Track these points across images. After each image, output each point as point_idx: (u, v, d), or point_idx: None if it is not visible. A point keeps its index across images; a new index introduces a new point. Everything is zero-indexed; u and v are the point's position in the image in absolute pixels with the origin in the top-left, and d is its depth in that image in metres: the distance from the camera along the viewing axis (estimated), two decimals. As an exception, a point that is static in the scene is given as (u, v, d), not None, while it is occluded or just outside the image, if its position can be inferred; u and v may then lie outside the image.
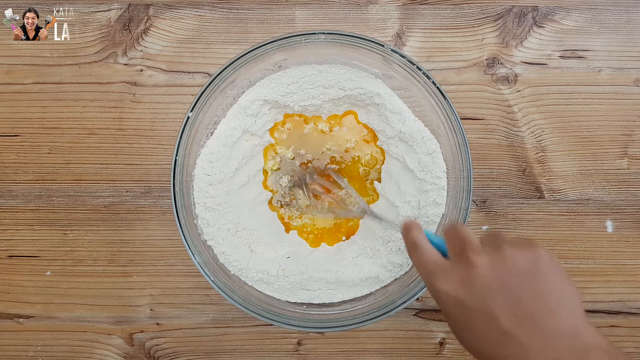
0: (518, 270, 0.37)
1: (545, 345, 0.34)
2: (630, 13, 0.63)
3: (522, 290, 0.36)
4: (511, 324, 0.35)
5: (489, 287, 0.37)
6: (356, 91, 0.57)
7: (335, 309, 0.57)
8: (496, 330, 0.36)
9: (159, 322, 0.63)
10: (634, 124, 0.63)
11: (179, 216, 0.53)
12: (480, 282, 0.37)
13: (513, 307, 0.36)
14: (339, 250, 0.60)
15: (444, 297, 0.39)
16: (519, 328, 0.35)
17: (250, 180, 0.59)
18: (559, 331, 0.34)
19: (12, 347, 0.63)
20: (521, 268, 0.37)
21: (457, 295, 0.38)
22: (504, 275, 0.37)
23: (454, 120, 0.53)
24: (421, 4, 0.63)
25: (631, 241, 0.63)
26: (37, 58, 0.63)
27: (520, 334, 0.35)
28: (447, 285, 0.38)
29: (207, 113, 0.55)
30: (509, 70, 0.63)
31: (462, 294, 0.37)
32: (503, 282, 0.37)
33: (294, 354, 0.63)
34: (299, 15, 0.63)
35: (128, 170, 0.62)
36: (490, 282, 0.37)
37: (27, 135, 0.63)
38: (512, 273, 0.37)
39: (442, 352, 0.63)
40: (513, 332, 0.35)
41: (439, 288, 0.39)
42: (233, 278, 0.56)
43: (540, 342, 0.34)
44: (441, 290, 0.39)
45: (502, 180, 0.63)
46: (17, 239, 0.63)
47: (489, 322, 0.36)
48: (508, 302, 0.36)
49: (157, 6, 0.63)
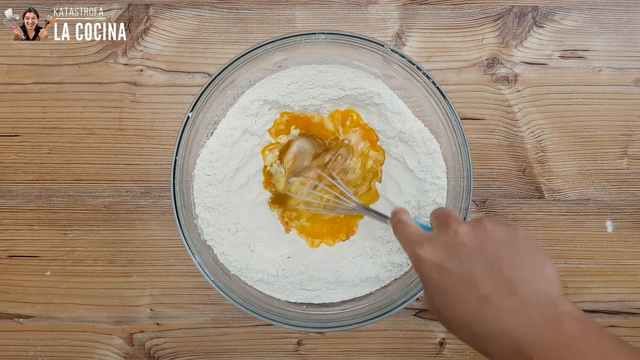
0: (498, 240, 0.39)
1: (520, 310, 0.35)
2: (630, 13, 0.63)
3: (501, 259, 0.38)
4: (489, 289, 0.37)
5: (470, 253, 0.38)
6: (356, 91, 0.57)
7: (335, 309, 0.57)
8: (475, 294, 0.37)
9: (159, 322, 0.63)
10: (634, 124, 0.63)
11: (179, 216, 0.53)
12: (462, 249, 0.39)
13: (492, 273, 0.37)
14: (339, 250, 0.60)
15: (427, 264, 0.40)
16: (496, 293, 0.36)
17: (250, 180, 0.59)
18: (534, 299, 0.36)
19: (12, 347, 0.63)
20: (501, 239, 0.39)
21: (439, 261, 0.39)
22: (484, 244, 0.39)
23: (454, 120, 0.53)
24: (421, 4, 0.63)
25: (631, 241, 0.63)
26: (37, 58, 0.63)
27: (497, 299, 0.36)
28: (430, 253, 0.40)
29: (207, 113, 0.55)
30: (509, 70, 0.63)
31: (444, 260, 0.39)
32: (483, 249, 0.38)
33: (294, 354, 0.63)
34: (299, 15, 0.63)
35: (128, 170, 0.62)
36: (472, 249, 0.39)
37: (27, 135, 0.63)
38: (492, 242, 0.39)
39: (442, 352, 0.63)
40: (490, 297, 0.36)
41: (422, 255, 0.40)
42: (233, 278, 0.56)
43: (516, 307, 0.35)
44: (424, 257, 0.40)
45: (502, 180, 0.63)
46: (17, 239, 0.63)
47: (468, 287, 0.37)
48: (487, 268, 0.37)
49: (157, 6, 0.63)
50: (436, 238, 0.41)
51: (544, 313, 0.35)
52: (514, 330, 0.35)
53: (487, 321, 0.36)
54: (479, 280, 0.37)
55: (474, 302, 0.37)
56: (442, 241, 0.40)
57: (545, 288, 0.36)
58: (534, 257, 0.38)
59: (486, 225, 0.40)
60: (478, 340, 0.37)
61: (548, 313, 0.35)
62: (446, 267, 0.39)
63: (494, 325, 0.36)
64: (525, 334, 0.34)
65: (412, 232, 0.44)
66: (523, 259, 0.38)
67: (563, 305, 0.35)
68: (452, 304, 0.38)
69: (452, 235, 0.40)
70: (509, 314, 0.35)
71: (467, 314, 0.37)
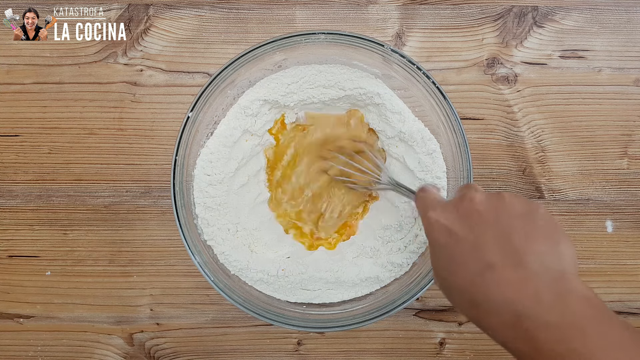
0: (515, 212, 0.38)
1: (526, 282, 0.34)
2: (630, 13, 0.63)
3: (513, 229, 0.36)
4: (496, 257, 0.36)
5: (483, 220, 0.38)
6: (356, 91, 0.57)
7: (335, 309, 0.57)
8: (480, 260, 0.36)
9: (159, 322, 0.63)
10: (634, 124, 0.63)
11: (179, 216, 0.53)
12: (475, 215, 0.38)
13: (502, 242, 0.36)
14: (339, 250, 0.60)
15: (436, 226, 0.40)
16: (503, 262, 0.35)
17: (250, 180, 0.59)
18: (542, 272, 0.34)
19: (12, 347, 0.63)
20: (519, 211, 0.38)
21: (449, 224, 0.39)
22: (500, 214, 0.38)
23: (454, 120, 0.53)
24: (421, 4, 0.63)
25: (631, 241, 0.63)
26: (37, 58, 0.63)
27: (503, 268, 0.35)
28: (441, 215, 0.40)
29: (207, 113, 0.55)
30: (509, 70, 0.63)
31: (454, 224, 0.39)
32: (498, 218, 0.37)
33: (294, 354, 0.63)
34: (299, 15, 0.63)
35: (128, 170, 0.62)
36: (485, 217, 0.38)
37: (27, 135, 0.63)
38: (508, 213, 0.38)
39: (442, 352, 0.63)
40: (496, 265, 0.35)
41: (433, 217, 0.40)
42: (233, 278, 0.56)
43: (522, 278, 0.34)
44: (435, 219, 0.40)
45: (502, 180, 0.63)
46: (17, 239, 0.63)
47: (475, 253, 0.37)
48: (498, 237, 0.36)
49: (157, 6, 0.63)
50: (451, 203, 0.41)
51: (552, 288, 0.33)
52: (516, 302, 0.33)
53: (489, 289, 0.35)
54: (486, 247, 0.36)
55: (478, 269, 0.36)
56: (456, 206, 0.40)
57: (557, 264, 0.35)
58: (551, 232, 0.36)
59: (505, 197, 0.39)
60: (476, 310, 0.36)
61: (556, 289, 0.33)
62: (455, 230, 0.38)
63: (495, 293, 0.34)
64: (528, 307, 0.33)
65: (431, 199, 0.44)
66: (538, 233, 0.36)
67: (574, 283, 0.34)
68: (456, 268, 0.37)
69: (467, 202, 0.39)
70: (513, 285, 0.34)
71: (470, 280, 0.36)
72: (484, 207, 0.38)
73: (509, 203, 0.38)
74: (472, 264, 0.36)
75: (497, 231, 0.37)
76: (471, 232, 0.37)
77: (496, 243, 0.36)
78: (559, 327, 0.32)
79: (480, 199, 0.39)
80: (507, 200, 0.38)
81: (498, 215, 0.38)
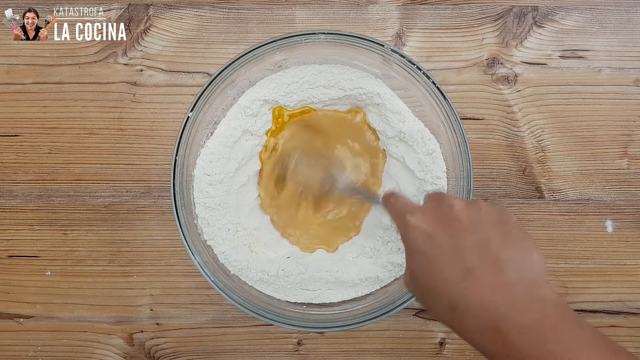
0: (491, 220, 0.39)
1: (504, 288, 0.35)
2: (630, 13, 0.63)
3: (492, 238, 0.38)
4: (476, 263, 0.37)
5: (463, 227, 0.38)
6: (356, 91, 0.57)
7: (335, 309, 0.57)
8: (460, 266, 0.37)
9: (159, 322, 0.63)
10: (634, 124, 0.63)
11: (179, 216, 0.53)
12: (455, 222, 0.39)
13: (481, 248, 0.37)
14: (339, 250, 0.60)
15: (415, 230, 0.40)
16: (482, 268, 0.36)
17: (250, 180, 0.59)
18: (519, 280, 0.36)
19: (12, 347, 0.63)
20: (494, 220, 0.39)
21: (429, 229, 0.39)
22: (478, 221, 0.39)
23: (453, 120, 0.53)
24: (421, 4, 0.63)
25: (631, 241, 0.63)
26: (37, 58, 0.63)
27: (482, 274, 0.36)
28: (420, 220, 0.40)
29: (207, 113, 0.55)
30: (509, 70, 0.63)
31: (434, 229, 0.39)
32: (477, 226, 0.38)
33: (294, 354, 0.63)
34: (299, 15, 0.63)
35: (128, 170, 0.62)
36: (465, 224, 0.39)
37: (27, 135, 0.63)
38: (486, 221, 0.39)
39: (442, 352, 0.63)
40: (476, 271, 0.36)
41: (412, 222, 0.40)
42: (233, 278, 0.56)
43: (500, 284, 0.36)
44: (414, 223, 0.40)
45: (502, 180, 0.63)
46: (17, 239, 0.63)
47: (455, 258, 0.37)
48: (477, 243, 0.38)
49: (157, 6, 0.63)
50: (429, 208, 0.41)
51: (527, 295, 0.35)
52: (494, 306, 0.35)
53: (468, 293, 0.36)
54: (466, 252, 0.37)
55: (457, 273, 0.37)
56: (435, 212, 0.40)
57: (531, 272, 0.37)
58: (524, 242, 0.38)
59: (481, 205, 0.40)
60: (454, 313, 0.37)
61: (530, 295, 0.35)
62: (435, 236, 0.39)
63: (474, 298, 0.36)
64: (505, 311, 0.34)
65: (404, 203, 0.44)
66: (513, 242, 0.38)
67: (546, 289, 0.36)
68: (436, 272, 0.38)
69: (446, 208, 0.40)
70: (491, 290, 0.35)
71: (449, 284, 0.37)
72: (464, 214, 0.39)
73: (485, 212, 0.39)
74: (452, 269, 0.37)
75: (477, 238, 0.38)
76: (451, 238, 0.38)
77: (475, 249, 0.37)
78: (534, 329, 0.33)
79: (460, 206, 0.40)
80: (484, 209, 0.40)
81: (476, 222, 0.39)
